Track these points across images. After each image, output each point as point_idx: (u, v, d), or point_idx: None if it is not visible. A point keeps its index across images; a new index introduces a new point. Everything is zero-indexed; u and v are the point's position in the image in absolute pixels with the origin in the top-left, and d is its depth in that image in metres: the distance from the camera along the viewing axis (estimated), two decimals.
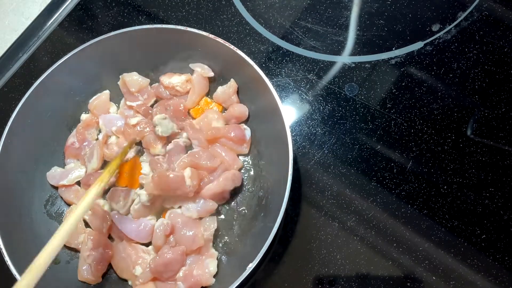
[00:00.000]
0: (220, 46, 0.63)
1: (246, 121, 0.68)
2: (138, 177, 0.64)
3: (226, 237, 0.63)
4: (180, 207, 0.63)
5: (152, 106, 0.70)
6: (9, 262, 0.55)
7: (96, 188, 0.54)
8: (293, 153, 0.57)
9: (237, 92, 0.67)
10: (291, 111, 0.71)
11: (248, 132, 0.66)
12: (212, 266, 0.59)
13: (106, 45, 0.66)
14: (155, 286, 0.59)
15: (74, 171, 0.66)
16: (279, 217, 0.54)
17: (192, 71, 0.68)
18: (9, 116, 0.62)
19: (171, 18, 0.79)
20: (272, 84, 0.60)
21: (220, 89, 0.67)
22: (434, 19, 0.74)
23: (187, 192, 0.59)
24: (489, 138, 0.66)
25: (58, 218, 0.65)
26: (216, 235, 0.63)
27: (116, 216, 0.62)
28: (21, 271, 0.55)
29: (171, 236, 0.60)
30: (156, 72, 0.71)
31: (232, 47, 0.62)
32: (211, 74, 0.67)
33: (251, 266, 0.53)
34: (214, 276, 0.59)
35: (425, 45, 0.73)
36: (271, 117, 0.61)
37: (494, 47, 0.72)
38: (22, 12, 0.84)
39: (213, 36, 0.63)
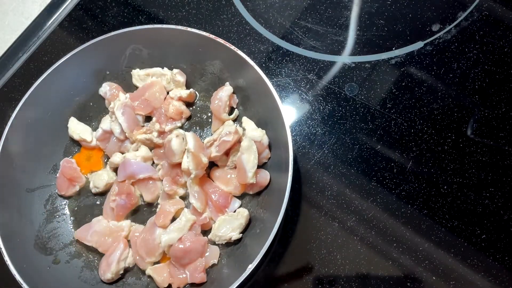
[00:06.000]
0: (221, 46, 0.63)
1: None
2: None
3: None
4: None
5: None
6: (8, 262, 0.55)
7: None
8: (293, 153, 0.57)
9: (234, 92, 0.67)
10: (291, 111, 0.71)
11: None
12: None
13: (107, 45, 0.66)
14: (168, 267, 0.60)
15: None
16: (278, 218, 0.54)
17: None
18: (9, 116, 0.62)
19: (171, 18, 0.79)
20: (272, 84, 0.60)
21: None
22: (434, 19, 0.74)
23: None
24: (489, 138, 0.66)
25: (58, 218, 0.65)
26: None
27: None
28: (20, 271, 0.55)
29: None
30: None
31: (232, 47, 0.62)
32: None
33: (250, 267, 0.53)
34: (214, 277, 0.59)
35: (425, 45, 0.73)
36: (271, 117, 0.61)
37: (494, 47, 0.72)
38: (22, 12, 0.84)
39: (213, 36, 0.63)
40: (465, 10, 0.74)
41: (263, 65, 0.73)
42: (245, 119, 0.65)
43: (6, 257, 0.55)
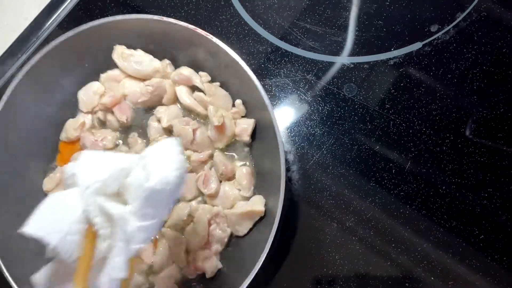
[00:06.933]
0: (200, 37, 0.60)
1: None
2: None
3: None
4: None
5: None
6: (7, 274, 0.53)
7: None
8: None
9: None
10: (289, 112, 0.71)
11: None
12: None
13: (82, 38, 0.62)
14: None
15: None
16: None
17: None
18: None
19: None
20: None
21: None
22: (433, 19, 0.75)
23: None
24: (487, 139, 0.67)
25: None
26: None
27: None
28: (13, 275, 0.53)
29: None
30: None
31: (209, 36, 0.59)
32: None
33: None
34: (213, 279, 0.59)
35: (424, 45, 0.73)
36: (261, 116, 0.60)
37: (492, 47, 0.72)
38: (21, 12, 0.83)
39: (192, 26, 0.60)
40: (464, 11, 0.75)
41: (262, 65, 0.73)
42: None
43: (4, 269, 0.54)
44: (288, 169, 0.66)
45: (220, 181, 0.62)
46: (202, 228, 0.59)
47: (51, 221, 0.37)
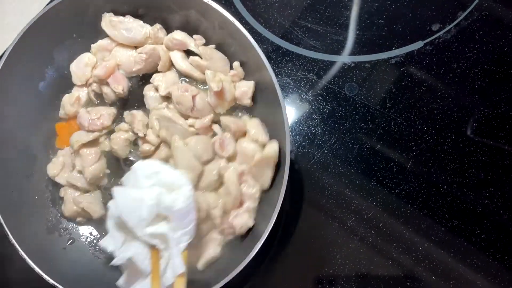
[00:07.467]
0: (197, 2, 0.58)
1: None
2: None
3: None
4: None
5: None
6: (23, 254, 0.54)
7: None
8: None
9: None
10: (291, 111, 0.70)
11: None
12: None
13: (68, 7, 0.60)
14: None
15: None
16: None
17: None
18: None
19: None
20: None
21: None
22: (434, 18, 0.74)
23: None
24: (489, 138, 0.66)
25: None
26: None
27: None
28: (37, 261, 0.54)
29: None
30: None
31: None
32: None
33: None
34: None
35: (425, 44, 0.73)
36: (261, 77, 0.59)
37: (494, 46, 0.72)
38: (22, 12, 0.84)
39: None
40: (465, 10, 0.74)
41: None
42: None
43: (19, 248, 0.54)
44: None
45: (236, 140, 0.60)
46: (233, 187, 0.57)
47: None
